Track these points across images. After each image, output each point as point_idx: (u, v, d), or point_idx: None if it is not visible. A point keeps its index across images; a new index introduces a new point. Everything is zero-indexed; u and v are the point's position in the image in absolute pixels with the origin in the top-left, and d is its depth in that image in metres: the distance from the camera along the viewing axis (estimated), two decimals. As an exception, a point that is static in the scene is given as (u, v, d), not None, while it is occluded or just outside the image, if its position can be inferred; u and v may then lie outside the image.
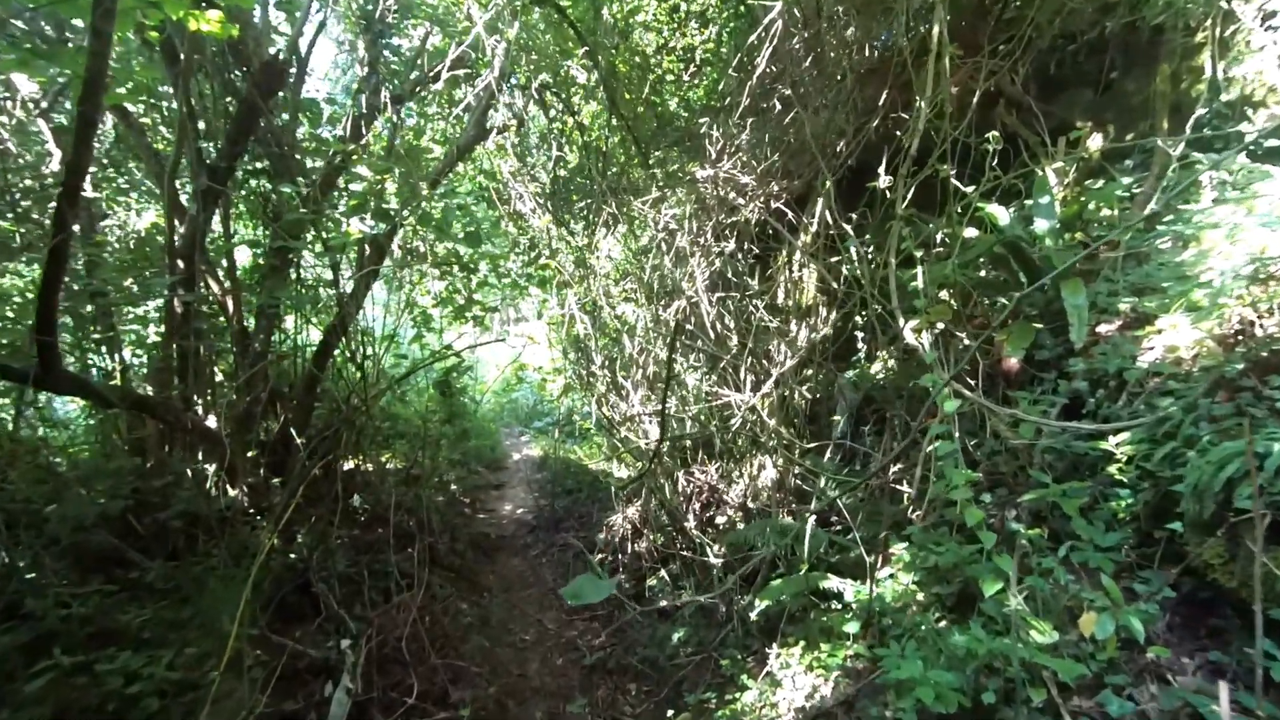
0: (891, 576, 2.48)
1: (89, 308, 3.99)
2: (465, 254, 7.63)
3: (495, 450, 8.77)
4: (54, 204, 2.61)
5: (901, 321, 2.53)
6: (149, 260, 4.34)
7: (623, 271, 5.45)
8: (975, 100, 3.23)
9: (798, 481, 3.59)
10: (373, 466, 5.11)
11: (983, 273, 3.10)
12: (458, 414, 8.10)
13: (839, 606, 2.70)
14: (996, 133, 2.98)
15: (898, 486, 3.00)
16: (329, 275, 4.36)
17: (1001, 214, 2.94)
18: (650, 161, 6.00)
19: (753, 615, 3.05)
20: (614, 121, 6.27)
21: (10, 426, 3.86)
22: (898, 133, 3.80)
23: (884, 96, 3.66)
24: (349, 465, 4.75)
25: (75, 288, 3.86)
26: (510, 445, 9.57)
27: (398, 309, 5.53)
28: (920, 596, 2.31)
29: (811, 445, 3.77)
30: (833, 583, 2.68)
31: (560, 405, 9.94)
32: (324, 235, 3.51)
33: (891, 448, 3.08)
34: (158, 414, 3.46)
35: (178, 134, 3.68)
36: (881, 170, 3.35)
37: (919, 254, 2.70)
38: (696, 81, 6.72)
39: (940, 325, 2.64)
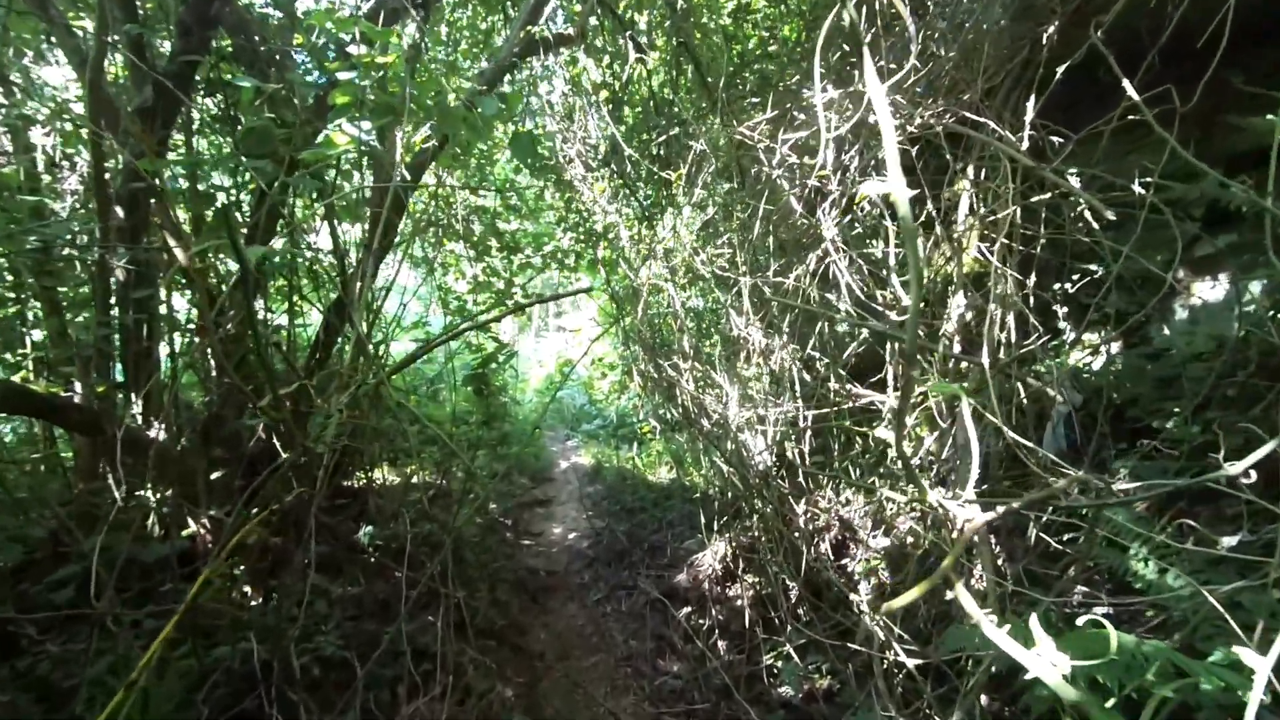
0: None
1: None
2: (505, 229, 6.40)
3: (539, 458, 7.57)
4: None
5: None
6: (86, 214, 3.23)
7: (707, 236, 4.15)
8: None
9: (1043, 536, 2.22)
10: (388, 484, 3.94)
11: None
12: (497, 416, 6.93)
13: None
14: None
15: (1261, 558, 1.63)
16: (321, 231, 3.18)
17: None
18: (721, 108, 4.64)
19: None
20: (687, 50, 4.98)
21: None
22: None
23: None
24: (351, 484, 3.57)
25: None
26: (556, 451, 8.37)
27: (426, 293, 4.39)
28: None
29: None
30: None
31: (613, 405, 8.73)
32: (302, 153, 2.30)
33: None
34: (57, 417, 2.31)
35: (99, 15, 2.54)
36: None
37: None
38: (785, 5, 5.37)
39: None
